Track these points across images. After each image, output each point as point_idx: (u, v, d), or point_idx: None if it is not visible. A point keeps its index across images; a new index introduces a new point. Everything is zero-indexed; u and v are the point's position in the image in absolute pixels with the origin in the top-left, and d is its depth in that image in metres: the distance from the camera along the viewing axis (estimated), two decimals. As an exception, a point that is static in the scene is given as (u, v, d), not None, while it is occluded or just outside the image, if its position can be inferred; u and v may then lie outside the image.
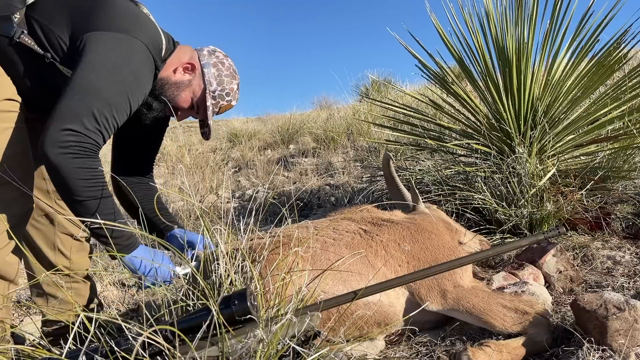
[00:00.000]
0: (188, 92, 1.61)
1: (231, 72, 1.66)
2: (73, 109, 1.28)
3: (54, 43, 1.41)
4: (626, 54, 2.51)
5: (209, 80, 1.61)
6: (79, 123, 1.28)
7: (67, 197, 1.34)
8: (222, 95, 1.64)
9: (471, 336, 1.49)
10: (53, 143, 1.25)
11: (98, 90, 1.32)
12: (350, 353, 1.40)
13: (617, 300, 1.30)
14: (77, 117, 1.28)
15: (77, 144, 1.28)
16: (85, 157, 1.30)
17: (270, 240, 1.38)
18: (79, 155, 1.28)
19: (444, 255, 1.63)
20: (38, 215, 1.73)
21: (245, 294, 0.92)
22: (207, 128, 1.69)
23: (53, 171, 1.29)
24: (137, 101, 1.44)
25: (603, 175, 2.35)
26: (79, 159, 1.28)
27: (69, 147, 1.26)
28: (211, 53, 1.65)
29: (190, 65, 1.60)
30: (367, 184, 3.82)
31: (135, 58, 1.41)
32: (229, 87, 1.65)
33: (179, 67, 1.59)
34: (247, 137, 7.97)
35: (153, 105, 1.59)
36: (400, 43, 3.07)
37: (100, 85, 1.33)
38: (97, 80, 1.32)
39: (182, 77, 1.60)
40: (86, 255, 1.86)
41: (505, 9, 2.62)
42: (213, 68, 1.62)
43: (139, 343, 0.86)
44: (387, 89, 8.40)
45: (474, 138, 2.81)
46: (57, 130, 1.26)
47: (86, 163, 1.30)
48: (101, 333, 0.94)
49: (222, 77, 1.63)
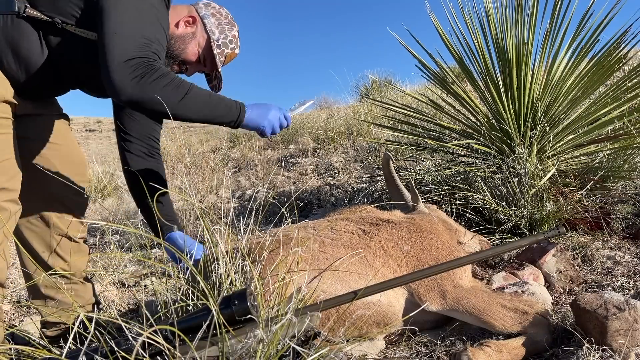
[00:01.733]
0: (194, 44, 1.64)
1: (229, 20, 1.70)
2: (118, 46, 1.29)
3: (62, 9, 1.41)
4: (626, 54, 2.51)
5: (211, 30, 1.65)
6: (130, 53, 1.29)
7: (170, 108, 1.33)
8: (225, 43, 1.68)
9: (471, 336, 1.49)
10: (120, 80, 1.26)
11: (133, 22, 1.34)
12: (350, 353, 1.40)
13: (617, 300, 1.30)
14: (126, 50, 1.29)
15: (140, 66, 1.29)
16: (153, 69, 1.30)
17: (270, 240, 1.38)
18: (147, 72, 1.29)
19: (444, 255, 1.63)
20: (33, 218, 1.73)
21: (245, 294, 0.92)
22: (217, 80, 1.72)
23: (139, 101, 1.30)
24: (166, 26, 1.46)
25: (603, 175, 2.36)
26: (149, 73, 1.29)
27: (133, 71, 1.27)
28: (207, 5, 1.70)
29: (191, 17, 1.64)
30: (367, 184, 3.82)
31: None
32: (230, 34, 1.69)
33: (180, 21, 1.62)
34: (247, 137, 7.97)
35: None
36: (400, 43, 3.07)
37: (134, 19, 1.34)
38: (129, 16, 1.34)
39: (185, 30, 1.63)
40: (84, 256, 1.85)
41: (505, 9, 2.62)
42: (212, 18, 1.66)
43: (139, 343, 0.86)
44: (387, 89, 8.40)
45: (474, 138, 2.81)
46: (115, 69, 1.26)
47: (157, 72, 1.30)
48: (101, 333, 0.94)
49: (222, 25, 1.67)
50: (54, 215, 1.75)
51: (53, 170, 1.73)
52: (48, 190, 1.73)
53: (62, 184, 1.76)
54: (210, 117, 1.41)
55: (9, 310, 2.44)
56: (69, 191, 1.78)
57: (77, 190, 1.81)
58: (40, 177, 1.71)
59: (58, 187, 1.76)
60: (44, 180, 1.73)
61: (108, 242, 3.56)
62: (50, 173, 1.73)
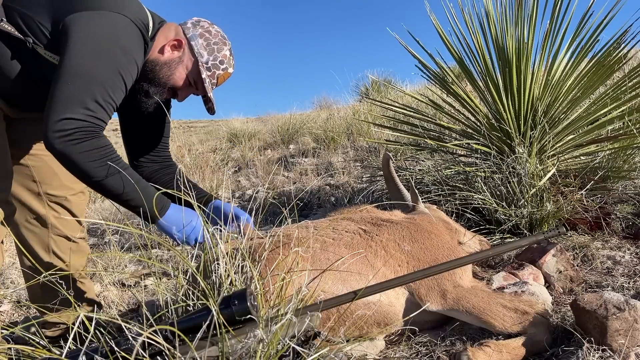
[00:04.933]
0: (181, 69, 1.56)
1: (220, 38, 1.60)
2: (67, 96, 1.27)
3: (34, 29, 1.38)
4: (626, 54, 2.51)
5: (199, 52, 1.56)
6: (75, 110, 1.27)
7: (87, 181, 1.34)
8: (215, 64, 1.59)
9: (471, 336, 1.49)
10: (55, 134, 1.25)
11: (89, 73, 1.30)
12: (350, 353, 1.40)
13: (617, 300, 1.30)
14: (73, 104, 1.27)
15: (79, 130, 1.27)
16: (90, 138, 1.29)
17: (270, 240, 1.38)
18: (82, 139, 1.28)
19: (444, 255, 1.63)
20: (30, 218, 1.72)
21: (245, 294, 0.92)
22: (211, 102, 1.64)
23: (63, 161, 1.30)
24: (130, 77, 1.41)
25: (603, 175, 2.36)
26: (84, 142, 1.28)
27: (71, 134, 1.26)
28: (195, 24, 1.60)
29: (176, 41, 1.55)
30: (367, 184, 3.82)
31: (123, 34, 1.38)
32: (221, 54, 1.59)
33: (165, 45, 1.54)
34: (247, 137, 7.97)
35: (150, 90, 1.55)
36: (400, 43, 3.07)
37: (91, 68, 1.30)
38: (87, 63, 1.30)
39: (171, 55, 1.55)
40: (83, 256, 1.85)
41: (505, 9, 2.62)
42: (200, 39, 1.57)
43: (139, 343, 0.86)
44: (387, 89, 8.40)
45: (474, 138, 2.81)
46: (55, 120, 1.25)
47: (92, 144, 1.29)
48: (101, 333, 0.94)
49: (211, 45, 1.58)
50: (51, 215, 1.75)
51: (51, 171, 1.73)
52: (46, 190, 1.73)
53: (59, 184, 1.76)
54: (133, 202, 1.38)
55: (9, 310, 2.44)
56: (67, 192, 1.78)
57: (74, 191, 1.81)
58: (38, 177, 1.71)
59: (56, 188, 1.76)
60: (42, 181, 1.73)
61: (108, 242, 3.56)
62: (48, 174, 1.74)
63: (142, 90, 1.54)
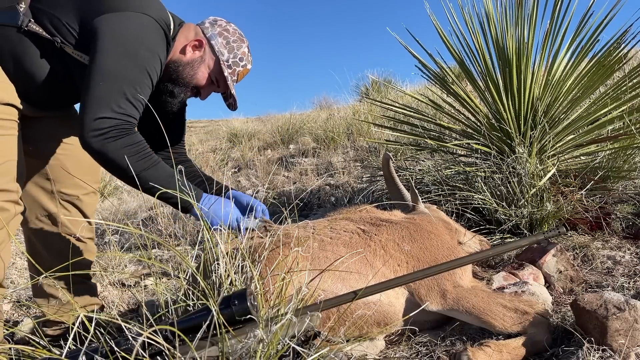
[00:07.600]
0: (203, 68, 1.63)
1: (238, 36, 1.67)
2: (100, 96, 1.34)
3: (61, 29, 1.43)
4: (626, 54, 2.51)
5: (219, 51, 1.63)
6: (108, 109, 1.34)
7: (124, 177, 1.40)
8: (236, 62, 1.66)
9: (471, 336, 1.49)
10: (91, 133, 1.32)
11: (119, 73, 1.36)
12: (350, 353, 1.40)
13: (617, 300, 1.30)
14: (106, 104, 1.34)
15: (113, 128, 1.34)
16: (124, 135, 1.36)
17: (270, 240, 1.38)
18: (117, 136, 1.34)
19: (444, 255, 1.63)
20: (41, 216, 1.73)
21: (245, 294, 0.92)
22: (232, 98, 1.71)
23: (101, 158, 1.36)
24: (155, 74, 1.48)
25: (603, 175, 2.35)
26: (119, 139, 1.35)
27: (106, 132, 1.33)
28: (213, 24, 1.67)
29: (197, 41, 1.61)
30: (367, 184, 3.82)
31: (149, 33, 1.44)
32: (240, 52, 1.66)
33: (187, 46, 1.60)
34: (247, 137, 7.97)
35: (175, 91, 1.62)
36: (400, 43, 3.07)
37: (121, 68, 1.37)
38: (116, 63, 1.36)
39: (193, 55, 1.61)
40: (90, 256, 1.85)
41: (505, 9, 2.62)
42: (220, 37, 1.63)
43: (139, 343, 0.86)
44: (387, 89, 8.40)
45: (474, 138, 2.81)
46: (90, 121, 1.32)
47: (127, 141, 1.36)
48: (101, 333, 0.94)
49: (230, 44, 1.65)
50: (62, 214, 1.75)
51: (64, 169, 1.74)
52: (59, 189, 1.74)
53: (73, 183, 1.77)
54: (167, 194, 1.42)
55: (9, 310, 2.44)
56: (80, 191, 1.79)
57: (87, 190, 1.81)
58: (52, 176, 1.72)
59: (69, 187, 1.76)
60: (55, 180, 1.74)
61: (108, 242, 3.56)
62: (62, 173, 1.74)
63: (166, 91, 1.60)
